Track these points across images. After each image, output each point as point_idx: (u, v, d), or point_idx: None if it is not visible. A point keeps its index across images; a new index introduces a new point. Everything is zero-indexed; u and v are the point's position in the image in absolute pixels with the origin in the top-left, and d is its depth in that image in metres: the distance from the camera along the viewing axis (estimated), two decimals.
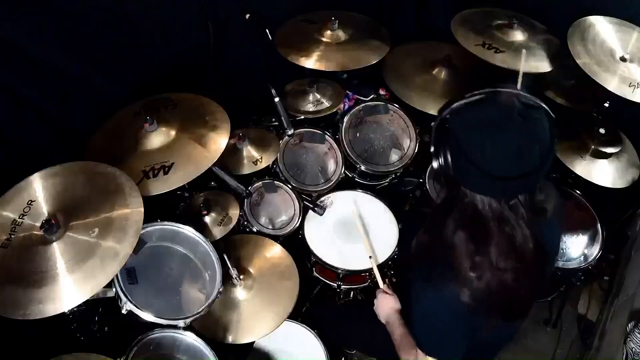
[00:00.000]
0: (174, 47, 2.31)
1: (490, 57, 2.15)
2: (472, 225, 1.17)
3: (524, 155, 1.06)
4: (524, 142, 1.06)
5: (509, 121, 1.06)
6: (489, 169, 1.07)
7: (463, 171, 1.12)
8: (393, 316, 1.61)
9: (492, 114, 1.09)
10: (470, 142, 1.08)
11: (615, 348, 2.06)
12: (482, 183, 1.11)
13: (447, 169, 1.14)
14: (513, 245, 1.16)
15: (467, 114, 1.12)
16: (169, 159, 1.76)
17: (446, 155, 1.13)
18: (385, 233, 2.16)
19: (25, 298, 1.29)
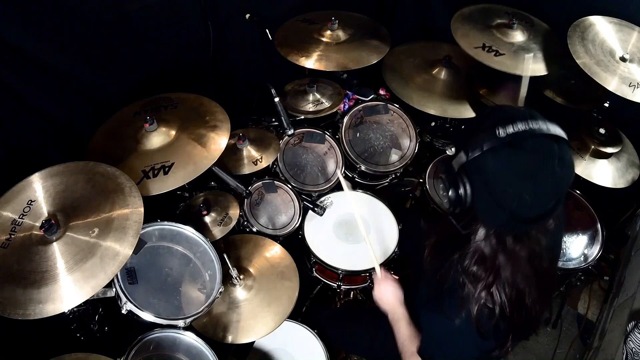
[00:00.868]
0: (174, 47, 2.31)
1: (490, 60, 2.14)
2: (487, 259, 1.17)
3: (556, 196, 1.07)
4: (558, 189, 1.07)
5: (550, 172, 1.04)
6: (519, 214, 1.06)
7: (487, 212, 1.11)
8: (399, 310, 1.54)
9: (531, 164, 1.04)
10: (504, 189, 1.06)
11: (615, 348, 2.06)
12: (507, 224, 1.11)
13: (465, 203, 1.12)
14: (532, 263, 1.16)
15: (503, 160, 1.05)
16: (169, 159, 1.76)
17: (466, 191, 1.10)
18: (385, 233, 2.16)
19: (25, 298, 1.29)
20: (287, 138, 2.31)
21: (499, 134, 1.04)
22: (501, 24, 2.34)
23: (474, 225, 1.17)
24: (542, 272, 1.19)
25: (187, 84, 2.16)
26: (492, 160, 1.06)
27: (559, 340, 2.57)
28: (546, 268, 1.20)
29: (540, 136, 1.05)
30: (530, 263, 1.16)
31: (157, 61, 2.27)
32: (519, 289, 1.17)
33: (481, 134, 1.07)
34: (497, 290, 1.16)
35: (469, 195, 1.10)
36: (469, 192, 1.09)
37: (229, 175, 1.98)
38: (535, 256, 1.16)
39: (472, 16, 2.38)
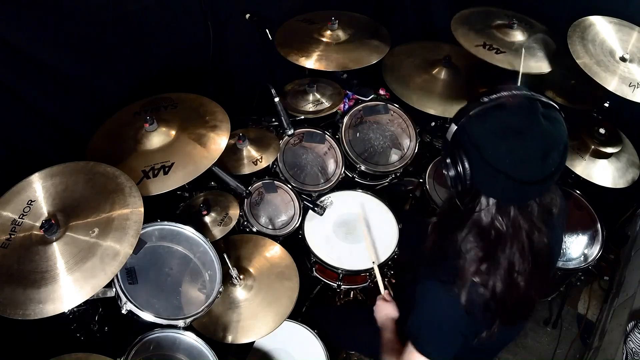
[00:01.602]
0: (174, 47, 2.31)
1: (491, 58, 2.15)
2: (485, 234, 1.17)
3: (548, 159, 1.06)
4: (549, 145, 1.06)
5: (535, 124, 1.05)
6: (515, 175, 1.06)
7: (486, 179, 1.10)
8: (388, 322, 1.61)
9: (516, 119, 1.06)
10: (495, 149, 1.06)
11: (615, 348, 2.06)
12: (507, 189, 1.10)
13: (465, 177, 1.12)
14: (531, 245, 1.16)
15: (488, 120, 1.08)
16: (169, 159, 1.76)
17: (464, 163, 1.11)
18: (385, 233, 2.16)
19: (25, 298, 1.29)
20: (287, 138, 2.31)
21: (483, 100, 1.09)
22: (501, 25, 2.35)
23: (476, 200, 1.16)
24: (540, 254, 1.18)
25: (187, 84, 2.16)
26: (478, 123, 1.09)
27: (559, 340, 2.57)
28: (545, 253, 1.19)
29: (522, 96, 1.09)
30: (529, 240, 1.16)
31: (157, 61, 2.27)
32: (513, 267, 1.16)
33: (468, 104, 1.13)
34: (491, 266, 1.16)
35: (466, 167, 1.11)
36: (466, 163, 1.10)
37: (229, 175, 1.98)
38: (534, 231, 1.16)
39: (471, 18, 2.39)
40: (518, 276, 1.18)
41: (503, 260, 1.16)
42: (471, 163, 1.10)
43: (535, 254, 1.17)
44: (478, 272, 1.17)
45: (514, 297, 1.20)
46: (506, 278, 1.17)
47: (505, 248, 1.16)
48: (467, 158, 1.10)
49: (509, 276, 1.17)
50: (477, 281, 1.17)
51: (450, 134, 1.15)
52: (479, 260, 1.17)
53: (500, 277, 1.17)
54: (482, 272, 1.17)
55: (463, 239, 1.19)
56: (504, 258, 1.16)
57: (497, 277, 1.17)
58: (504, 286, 1.17)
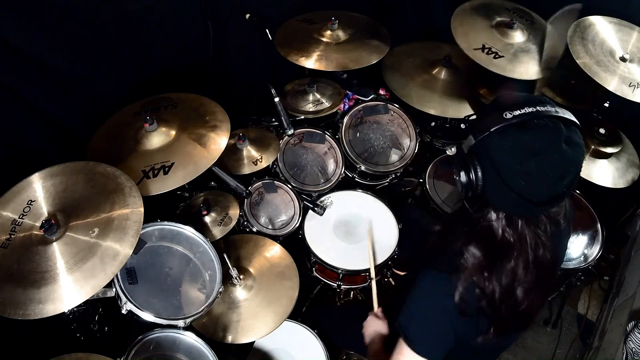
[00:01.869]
0: (174, 47, 2.31)
1: (489, 62, 2.13)
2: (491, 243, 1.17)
3: (563, 181, 1.06)
4: (566, 170, 1.06)
5: (556, 150, 1.04)
6: (527, 195, 1.06)
7: (497, 193, 1.11)
8: (376, 338, 1.60)
9: (537, 142, 1.05)
10: (511, 169, 1.06)
11: (615, 348, 2.06)
12: (516, 206, 1.10)
13: (476, 187, 1.12)
14: (535, 260, 1.16)
15: (508, 139, 1.07)
16: (169, 159, 1.76)
17: (477, 174, 1.11)
18: (385, 233, 2.16)
19: (25, 298, 1.29)
20: (287, 138, 2.31)
21: (505, 116, 1.07)
22: (501, 23, 2.32)
23: (485, 209, 1.17)
24: (543, 267, 1.18)
25: (187, 84, 2.16)
26: (498, 140, 1.08)
27: (559, 340, 2.57)
28: (547, 265, 1.19)
29: (547, 117, 1.07)
30: (534, 254, 1.16)
31: (157, 61, 2.27)
32: (515, 277, 1.16)
33: (489, 117, 1.10)
34: (492, 274, 1.16)
35: (479, 178, 1.11)
36: (479, 174, 1.10)
37: (229, 175, 1.98)
38: (539, 247, 1.16)
39: (472, 12, 2.36)
40: (518, 287, 1.18)
41: (506, 270, 1.16)
42: (484, 175, 1.10)
43: (538, 268, 1.17)
44: (479, 278, 1.17)
45: (510, 307, 1.19)
46: (506, 287, 1.17)
47: (511, 259, 1.16)
48: (481, 169, 1.10)
49: (508, 286, 1.17)
50: (476, 285, 1.17)
51: (467, 146, 1.14)
52: (482, 267, 1.17)
53: (499, 286, 1.17)
54: (483, 277, 1.17)
55: (467, 245, 1.19)
56: (508, 268, 1.16)
57: (496, 284, 1.17)
58: (501, 295, 1.17)
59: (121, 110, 1.98)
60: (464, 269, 1.18)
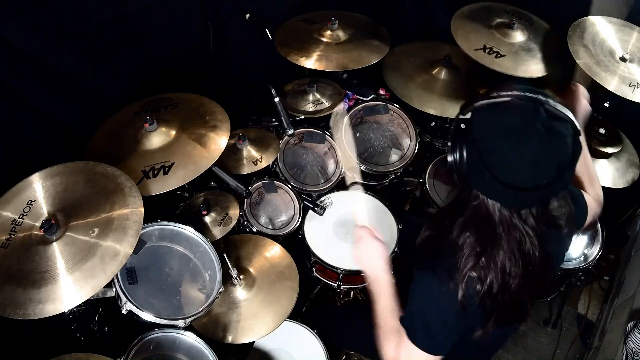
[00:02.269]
0: (174, 47, 2.31)
1: (490, 62, 2.14)
2: (481, 227, 1.16)
3: (539, 168, 1.04)
4: (542, 155, 1.03)
5: (530, 130, 1.03)
6: (501, 176, 1.05)
7: (476, 173, 1.10)
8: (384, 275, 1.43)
9: (514, 120, 1.05)
10: (487, 145, 1.06)
11: (615, 348, 2.06)
12: (494, 189, 1.09)
13: (461, 166, 1.12)
14: (521, 252, 1.15)
15: (489, 116, 1.09)
16: (169, 159, 1.76)
17: (462, 152, 1.11)
18: (386, 233, 2.16)
19: (25, 298, 1.29)
20: (287, 138, 2.31)
21: (492, 95, 1.09)
22: (501, 24, 2.34)
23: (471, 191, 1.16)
24: (532, 263, 1.17)
25: (187, 84, 2.16)
26: (479, 116, 1.10)
27: (559, 340, 2.57)
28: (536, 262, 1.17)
29: (529, 98, 1.07)
30: (519, 247, 1.15)
31: (157, 61, 2.27)
32: (504, 267, 1.16)
33: (478, 96, 1.13)
34: (489, 262, 1.15)
35: (463, 157, 1.10)
36: (464, 152, 1.10)
37: (229, 175, 1.98)
38: (525, 242, 1.14)
39: (472, 15, 2.37)
40: (510, 278, 1.17)
41: (497, 258, 1.16)
42: (467, 153, 1.10)
43: (525, 262, 1.16)
44: (475, 266, 1.16)
45: (506, 298, 1.19)
46: (500, 277, 1.16)
47: (500, 247, 1.15)
48: (465, 147, 1.11)
49: (503, 276, 1.16)
50: (474, 276, 1.16)
51: (454, 124, 1.16)
52: (476, 253, 1.16)
53: (495, 275, 1.16)
54: (479, 266, 1.16)
55: (461, 231, 1.19)
56: (498, 256, 1.16)
57: (493, 274, 1.16)
58: (498, 285, 1.17)
59: (121, 110, 1.98)
60: (462, 264, 1.17)
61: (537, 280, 1.23)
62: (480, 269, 1.16)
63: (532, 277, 1.19)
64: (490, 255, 1.16)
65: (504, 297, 1.18)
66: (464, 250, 1.18)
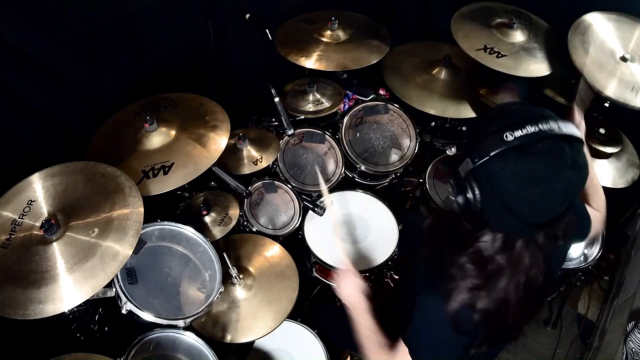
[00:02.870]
0: (174, 47, 2.31)
1: (491, 62, 2.14)
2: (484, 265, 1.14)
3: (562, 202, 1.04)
4: (570, 193, 1.03)
5: (561, 177, 1.00)
6: (529, 219, 1.04)
7: (497, 217, 1.07)
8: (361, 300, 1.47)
9: (541, 168, 0.99)
10: (513, 195, 1.02)
11: (615, 348, 2.06)
12: (517, 229, 1.08)
13: (475, 208, 1.07)
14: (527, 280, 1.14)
15: (510, 165, 1.00)
16: (169, 159, 1.76)
17: (476, 197, 1.05)
18: (385, 233, 2.16)
19: (25, 298, 1.29)
20: (287, 138, 2.31)
21: (506, 138, 0.99)
22: (501, 24, 2.33)
23: (482, 229, 1.14)
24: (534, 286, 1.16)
25: (187, 84, 2.16)
26: (499, 166, 1.01)
27: (559, 340, 2.57)
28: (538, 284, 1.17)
29: (550, 138, 1.00)
30: (526, 274, 1.14)
31: (157, 61, 2.27)
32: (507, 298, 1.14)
33: (488, 139, 1.02)
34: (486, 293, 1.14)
35: (478, 201, 1.06)
36: (478, 198, 1.05)
37: (229, 175, 1.98)
38: (533, 267, 1.14)
39: (471, 15, 2.37)
40: (510, 307, 1.16)
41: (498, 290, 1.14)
42: (484, 199, 1.05)
43: (529, 288, 1.16)
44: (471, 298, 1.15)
45: (502, 324, 1.18)
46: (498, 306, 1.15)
47: (503, 279, 1.14)
48: (480, 193, 1.05)
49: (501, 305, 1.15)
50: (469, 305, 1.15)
51: (464, 170, 1.07)
52: (474, 287, 1.15)
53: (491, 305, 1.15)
54: (475, 297, 1.15)
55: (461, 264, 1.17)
56: (500, 289, 1.14)
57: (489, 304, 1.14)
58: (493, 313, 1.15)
59: (121, 110, 1.99)
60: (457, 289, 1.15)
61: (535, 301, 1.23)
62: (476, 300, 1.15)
63: (530, 302, 1.19)
64: (489, 289, 1.14)
65: (499, 323, 1.18)
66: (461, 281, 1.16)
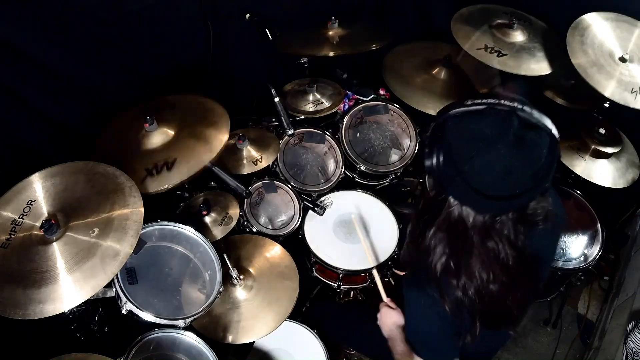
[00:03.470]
0: (174, 47, 2.31)
1: (493, 60, 2.14)
2: (452, 231, 1.15)
3: (511, 178, 1.03)
4: (514, 165, 1.02)
5: (502, 141, 1.02)
6: (474, 184, 1.05)
7: (450, 179, 1.09)
8: (395, 331, 1.52)
9: (487, 128, 1.04)
10: (461, 152, 1.06)
11: (615, 348, 2.06)
12: (465, 195, 1.09)
13: (437, 171, 1.12)
14: (496, 258, 1.14)
15: (463, 123, 1.09)
16: (171, 156, 1.76)
17: (438, 158, 1.10)
18: (385, 233, 2.16)
19: (25, 298, 1.29)
20: (287, 138, 2.31)
21: (466, 103, 1.09)
22: (501, 24, 2.34)
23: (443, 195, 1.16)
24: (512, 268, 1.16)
25: (187, 84, 2.16)
26: (454, 123, 1.10)
27: (559, 340, 2.57)
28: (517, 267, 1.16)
29: (504, 106, 1.05)
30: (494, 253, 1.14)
31: (157, 61, 2.27)
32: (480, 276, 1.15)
33: (453, 103, 1.13)
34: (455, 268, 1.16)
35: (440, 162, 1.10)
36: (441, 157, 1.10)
37: (229, 175, 1.98)
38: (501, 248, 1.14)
39: (471, 17, 2.38)
40: (487, 284, 1.16)
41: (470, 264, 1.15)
42: (443, 158, 1.10)
43: (504, 268, 1.15)
44: (447, 270, 1.16)
45: (486, 302, 1.18)
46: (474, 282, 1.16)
47: (472, 253, 1.14)
48: (441, 154, 1.10)
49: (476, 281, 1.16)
50: (448, 278, 1.16)
51: (430, 127, 1.16)
52: (447, 257, 1.16)
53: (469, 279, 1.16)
54: (451, 270, 1.16)
55: (433, 234, 1.18)
56: (471, 262, 1.15)
57: (465, 278, 1.16)
58: (474, 289, 1.16)
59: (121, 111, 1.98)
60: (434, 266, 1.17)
61: (522, 284, 1.21)
62: (453, 274, 1.16)
63: (514, 282, 1.18)
64: (461, 260, 1.15)
65: (483, 301, 1.17)
66: (436, 252, 1.17)
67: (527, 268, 1.19)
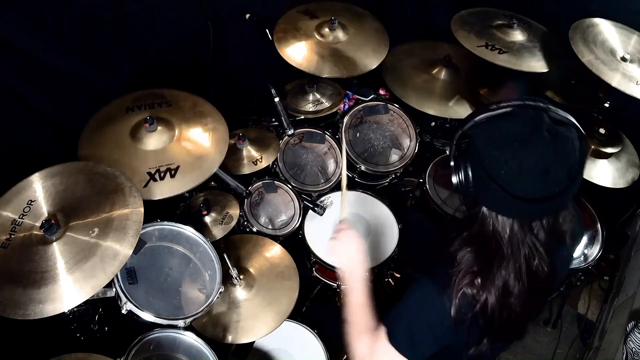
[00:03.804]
0: (174, 47, 2.31)
1: (494, 58, 2.14)
2: (483, 246, 1.13)
3: (550, 177, 1.00)
4: (551, 163, 1.00)
5: (536, 138, 0.99)
6: (510, 188, 1.02)
7: (483, 188, 1.07)
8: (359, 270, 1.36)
9: (517, 129, 1.02)
10: (493, 157, 1.03)
11: (615, 348, 2.07)
12: (503, 202, 1.06)
13: (467, 185, 1.09)
14: (529, 268, 1.11)
15: (490, 128, 1.06)
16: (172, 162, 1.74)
17: (467, 170, 1.08)
18: (386, 233, 2.16)
19: (25, 298, 1.29)
20: (287, 138, 2.31)
21: (491, 108, 1.07)
22: (501, 25, 2.34)
23: (477, 207, 1.13)
24: (539, 281, 1.14)
25: (187, 84, 2.15)
26: (481, 130, 1.08)
27: (559, 340, 2.57)
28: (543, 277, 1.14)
29: (531, 106, 1.04)
30: (527, 264, 1.11)
31: (157, 61, 2.27)
32: (507, 287, 1.12)
33: (476, 111, 1.10)
34: (486, 282, 1.12)
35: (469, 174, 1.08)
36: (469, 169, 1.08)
37: (229, 175, 1.98)
38: (534, 257, 1.11)
39: (471, 19, 2.38)
40: (511, 298, 1.13)
41: (498, 278, 1.12)
42: (472, 169, 1.08)
43: (532, 280, 1.13)
44: (471, 284, 1.13)
45: (504, 318, 1.15)
46: (499, 297, 1.12)
47: (502, 266, 1.11)
48: (469, 163, 1.08)
49: (502, 296, 1.12)
50: (469, 294, 1.12)
51: (455, 138, 1.13)
52: (473, 272, 1.13)
53: (493, 295, 1.12)
54: (475, 285, 1.12)
55: (461, 246, 1.16)
56: (499, 276, 1.12)
57: (489, 293, 1.12)
58: (495, 304, 1.13)
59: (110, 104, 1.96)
60: (456, 277, 1.13)
61: (540, 297, 1.20)
62: (476, 288, 1.12)
63: (536, 294, 1.16)
64: (489, 276, 1.12)
65: (501, 316, 1.14)
66: (461, 266, 1.14)
67: (550, 278, 1.16)
